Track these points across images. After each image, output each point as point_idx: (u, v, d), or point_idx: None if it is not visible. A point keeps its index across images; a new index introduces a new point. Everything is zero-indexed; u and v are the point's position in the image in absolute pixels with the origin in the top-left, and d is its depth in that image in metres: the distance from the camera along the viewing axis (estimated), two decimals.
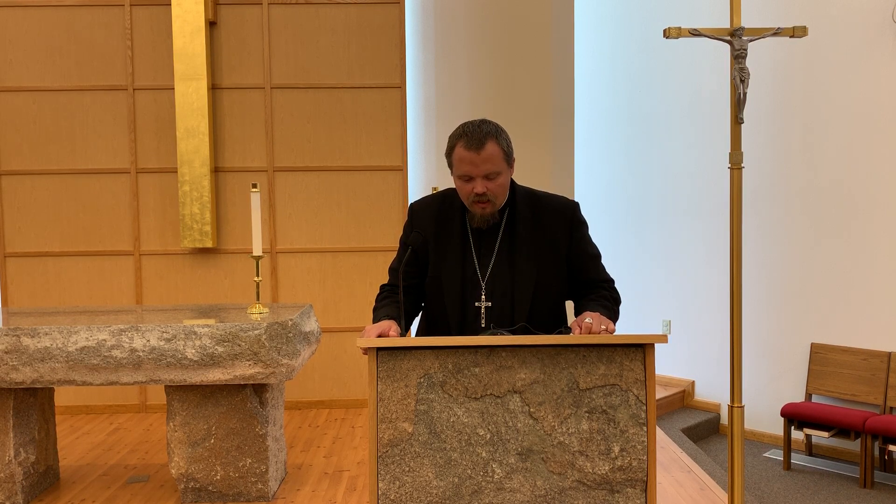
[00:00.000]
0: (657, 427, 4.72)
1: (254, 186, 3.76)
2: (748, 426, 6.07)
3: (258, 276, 3.82)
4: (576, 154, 6.52)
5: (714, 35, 3.01)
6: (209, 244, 5.24)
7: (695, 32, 2.98)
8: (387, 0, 5.34)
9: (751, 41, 2.98)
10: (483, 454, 1.88)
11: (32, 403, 3.72)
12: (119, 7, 5.26)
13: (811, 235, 5.84)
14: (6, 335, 3.39)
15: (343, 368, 5.45)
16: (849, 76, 5.62)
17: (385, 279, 2.40)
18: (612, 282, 2.28)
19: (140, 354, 3.40)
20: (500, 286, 2.18)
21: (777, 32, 2.99)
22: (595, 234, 2.34)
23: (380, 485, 1.89)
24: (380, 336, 1.97)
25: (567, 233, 2.22)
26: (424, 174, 5.68)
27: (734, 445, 3.03)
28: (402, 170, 5.41)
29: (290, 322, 3.50)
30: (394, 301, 2.23)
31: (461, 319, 2.20)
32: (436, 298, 2.24)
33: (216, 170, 5.33)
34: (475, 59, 5.68)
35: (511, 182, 2.23)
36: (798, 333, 5.93)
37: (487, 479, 1.88)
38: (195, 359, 3.40)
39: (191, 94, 5.15)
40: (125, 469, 4.20)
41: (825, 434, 5.45)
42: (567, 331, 2.10)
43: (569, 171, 5.84)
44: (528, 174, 5.43)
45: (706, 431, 6.27)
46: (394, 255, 2.44)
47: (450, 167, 2.17)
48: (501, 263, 2.20)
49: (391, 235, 5.38)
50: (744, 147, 3.12)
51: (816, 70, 5.78)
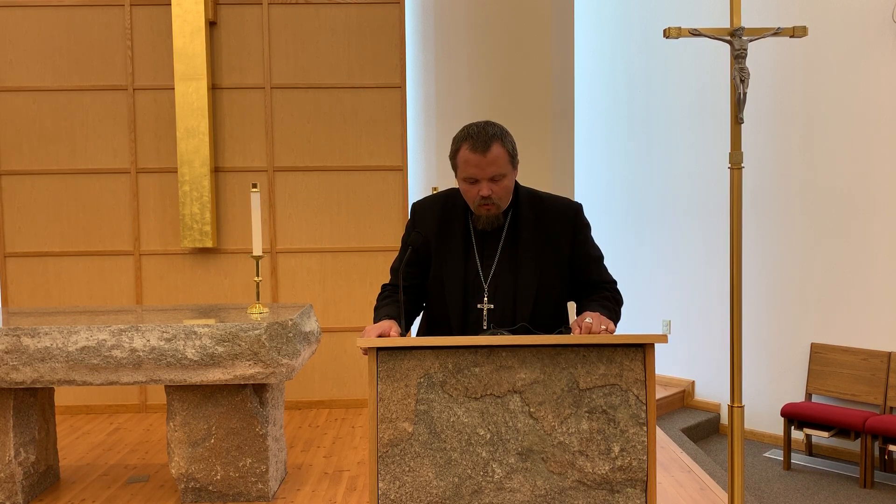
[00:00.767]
0: (657, 427, 4.72)
1: (254, 186, 3.76)
2: (748, 426, 6.07)
3: (258, 276, 3.82)
4: (576, 154, 6.52)
5: (714, 35, 3.01)
6: (209, 244, 5.24)
7: (695, 32, 2.98)
8: (387, 0, 5.34)
9: (751, 41, 2.98)
10: (483, 454, 1.88)
11: (32, 403, 3.73)
12: (119, 7, 5.26)
13: (811, 235, 5.84)
14: (6, 335, 3.39)
15: (343, 368, 5.45)
16: (849, 76, 5.62)
17: (386, 279, 2.40)
18: (615, 283, 2.28)
19: (140, 354, 3.40)
20: (503, 288, 2.18)
21: (777, 32, 2.99)
22: (595, 235, 2.33)
23: (380, 485, 1.89)
24: (380, 336, 1.97)
25: (570, 235, 2.21)
26: (424, 174, 5.68)
27: (734, 445, 3.03)
28: (402, 170, 5.41)
29: (290, 322, 3.50)
30: (394, 301, 2.23)
31: (463, 321, 2.19)
32: (437, 299, 2.24)
33: (216, 170, 5.33)
34: (475, 59, 5.68)
35: (515, 183, 2.23)
36: (798, 333, 5.93)
37: (487, 479, 1.88)
38: (195, 359, 3.40)
39: (191, 94, 5.15)
40: (125, 469, 4.20)
41: (825, 434, 5.45)
42: (567, 331, 2.10)
43: (569, 171, 5.84)
44: (529, 174, 5.42)
45: (706, 431, 6.28)
46: (394, 255, 2.43)
47: (454, 169, 2.16)
48: (504, 265, 2.19)
49: (391, 235, 5.39)
50: (744, 147, 3.12)
51: (816, 70, 5.78)
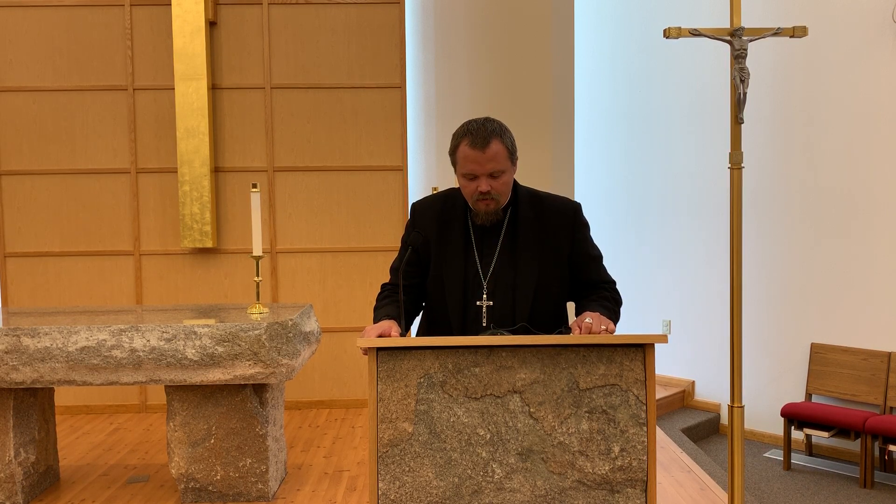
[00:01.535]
0: (657, 427, 4.72)
1: (254, 186, 3.76)
2: (748, 426, 6.07)
3: (258, 276, 3.82)
4: (576, 154, 6.52)
5: (714, 35, 3.00)
6: (209, 244, 5.24)
7: (695, 32, 2.98)
8: (387, 0, 5.34)
9: (751, 41, 2.98)
10: (483, 454, 1.88)
11: (32, 403, 3.73)
12: (119, 7, 5.26)
13: (811, 235, 5.84)
14: (6, 335, 3.39)
15: (343, 368, 5.45)
16: (849, 76, 5.62)
17: (386, 279, 2.40)
18: (614, 283, 2.28)
19: (140, 354, 3.40)
20: (502, 285, 2.18)
21: (777, 32, 2.99)
22: (595, 235, 2.34)
23: (380, 485, 1.89)
24: (380, 336, 1.97)
25: (569, 234, 2.22)
26: (424, 174, 5.68)
27: (734, 445, 3.03)
28: (402, 170, 5.41)
29: (290, 322, 3.50)
30: (394, 301, 2.23)
31: (463, 318, 2.20)
32: (437, 297, 2.24)
33: (216, 170, 5.33)
34: (475, 59, 5.68)
35: (514, 182, 2.23)
36: (798, 333, 5.93)
37: (487, 479, 1.88)
38: (195, 359, 3.40)
39: (191, 94, 5.15)
40: (125, 469, 4.20)
41: (825, 434, 5.45)
42: (567, 331, 2.10)
43: (569, 171, 5.84)
44: (529, 174, 5.42)
45: (706, 431, 6.27)
46: (394, 255, 2.44)
47: (453, 165, 2.17)
48: (503, 263, 2.20)
49: (391, 235, 5.39)
50: (744, 147, 3.12)
51: (816, 70, 5.78)
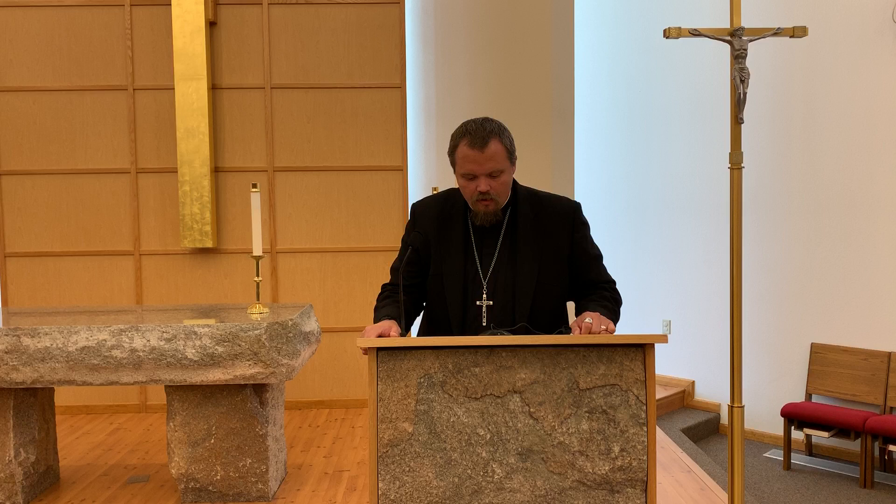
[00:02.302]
0: (657, 427, 4.72)
1: (254, 186, 3.76)
2: (748, 426, 6.07)
3: (258, 276, 3.82)
4: (576, 154, 6.52)
5: (714, 35, 3.00)
6: (209, 244, 5.24)
7: (695, 32, 2.98)
8: (387, 0, 5.34)
9: (751, 41, 2.98)
10: (483, 454, 1.88)
11: (32, 403, 3.72)
12: (119, 7, 5.26)
13: (811, 235, 5.84)
14: (6, 335, 3.39)
15: (343, 368, 5.45)
16: (849, 76, 5.62)
17: (386, 279, 2.40)
18: (614, 283, 2.29)
19: (140, 354, 3.40)
20: (502, 285, 2.19)
21: (777, 32, 2.99)
22: (595, 234, 2.34)
23: (380, 485, 1.89)
24: (380, 336, 1.97)
25: (569, 234, 2.22)
26: (424, 174, 5.68)
27: (734, 445, 3.03)
28: (402, 170, 5.41)
29: (290, 322, 3.50)
30: (394, 301, 2.23)
31: (463, 318, 2.20)
32: (438, 297, 2.24)
33: (216, 170, 5.33)
34: (475, 59, 5.68)
35: (513, 182, 2.23)
36: (798, 333, 5.93)
37: (487, 479, 1.88)
38: (195, 359, 3.40)
39: (191, 94, 5.15)
40: (125, 469, 4.20)
41: (825, 434, 5.45)
42: (567, 331, 2.10)
43: (569, 171, 5.83)
44: (529, 174, 5.42)
45: (706, 431, 6.28)
46: (394, 255, 2.44)
47: (452, 165, 2.17)
48: (503, 262, 2.20)
49: (391, 235, 5.38)
50: (744, 147, 3.12)
51: (816, 70, 5.78)
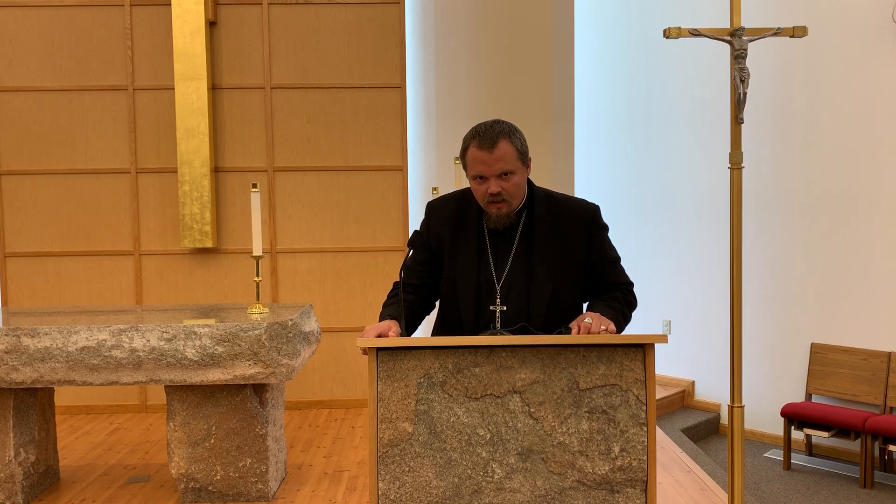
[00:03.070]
0: (657, 427, 4.72)
1: (254, 186, 3.76)
2: (748, 426, 6.07)
3: (258, 276, 3.82)
4: (576, 154, 6.52)
5: (714, 35, 3.00)
6: (209, 244, 5.24)
7: (695, 32, 2.98)
8: (387, 0, 5.34)
9: (751, 41, 2.98)
10: (483, 454, 1.88)
11: (32, 403, 3.72)
12: (119, 7, 5.26)
13: (811, 235, 5.84)
14: (6, 335, 3.39)
15: (343, 368, 5.45)
16: (849, 76, 5.62)
17: (386, 279, 2.40)
18: (631, 285, 2.26)
19: (140, 354, 3.40)
20: (516, 290, 2.15)
21: (777, 32, 2.99)
22: None
23: (380, 485, 1.89)
24: (379, 336, 1.97)
25: (586, 238, 2.19)
26: (424, 174, 5.68)
27: (734, 445, 3.03)
28: (402, 170, 5.41)
29: (290, 322, 3.50)
30: (399, 300, 2.22)
31: (476, 322, 2.17)
32: (450, 299, 2.22)
33: (216, 170, 5.33)
34: (475, 59, 5.68)
35: (529, 183, 2.20)
36: (798, 333, 5.93)
37: (487, 479, 1.88)
38: (195, 359, 3.40)
39: (191, 94, 5.15)
40: (125, 469, 4.20)
41: (825, 434, 5.45)
42: (567, 331, 2.10)
43: (569, 171, 5.84)
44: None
45: (706, 431, 6.28)
46: (394, 255, 2.43)
47: (464, 168, 2.15)
48: (517, 267, 2.16)
49: (391, 235, 5.38)
50: (744, 147, 3.12)
51: (816, 70, 5.78)
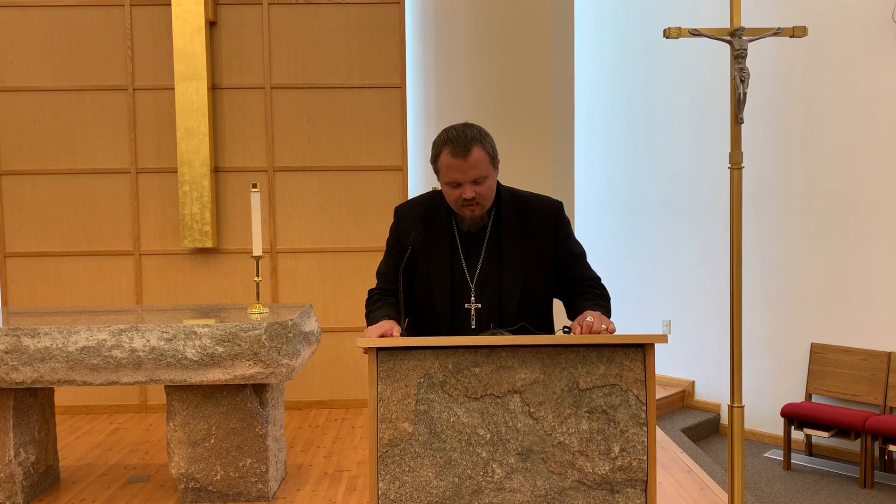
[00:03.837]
0: (657, 427, 4.72)
1: (254, 186, 3.76)
2: (748, 426, 6.07)
3: (258, 276, 3.82)
4: (576, 154, 6.52)
5: (714, 35, 3.00)
6: (209, 244, 5.24)
7: (695, 32, 2.98)
8: (387, 0, 5.34)
9: (751, 41, 2.98)
10: (483, 454, 1.88)
11: (32, 403, 3.72)
12: (119, 7, 5.26)
13: (811, 235, 5.84)
14: (6, 335, 3.39)
15: (343, 368, 5.45)
16: (849, 76, 5.62)
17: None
18: (599, 279, 2.31)
19: (140, 354, 3.40)
20: (489, 287, 2.20)
21: (777, 32, 2.99)
22: (595, 234, 2.35)
23: (380, 485, 1.89)
24: (381, 336, 1.97)
25: (553, 232, 2.24)
26: (424, 174, 5.68)
27: (734, 445, 3.03)
28: (402, 170, 5.41)
29: (290, 322, 3.50)
30: (388, 303, 2.24)
31: (451, 322, 2.21)
32: (425, 301, 2.25)
33: (216, 170, 5.33)
34: (475, 59, 5.68)
35: (496, 182, 2.24)
36: (798, 333, 5.93)
37: (487, 479, 1.88)
38: (195, 359, 3.40)
39: (191, 94, 5.14)
40: (125, 469, 4.20)
41: (825, 434, 5.45)
42: (569, 330, 2.10)
43: (569, 171, 5.84)
44: (529, 174, 5.43)
45: (706, 431, 6.28)
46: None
47: (436, 173, 2.18)
48: (489, 264, 2.21)
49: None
50: (744, 147, 3.12)
51: (816, 70, 5.78)
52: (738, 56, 2.97)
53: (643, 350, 1.90)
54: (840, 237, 5.69)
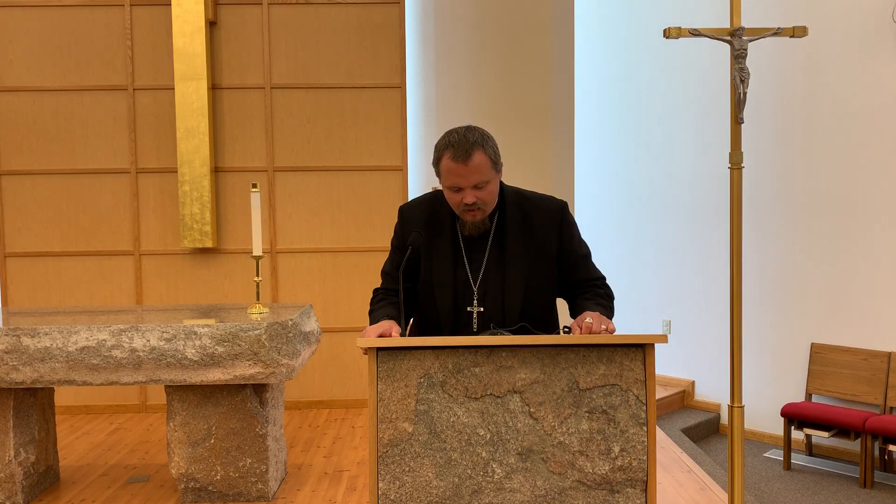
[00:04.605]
0: (657, 427, 4.72)
1: (254, 186, 3.76)
2: (748, 426, 6.07)
3: (258, 276, 3.81)
4: (576, 154, 6.52)
5: (714, 35, 3.00)
6: (209, 244, 5.24)
7: (695, 32, 2.98)
8: (387, 0, 5.34)
9: (751, 41, 2.98)
10: (483, 454, 1.88)
11: (32, 403, 3.72)
12: (119, 7, 5.26)
13: (811, 235, 5.84)
14: (6, 335, 3.39)
15: (343, 368, 5.45)
16: (849, 76, 5.62)
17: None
18: (604, 278, 2.29)
19: (140, 354, 3.40)
20: (492, 291, 2.18)
21: (777, 32, 2.99)
22: (595, 234, 2.35)
23: (380, 485, 1.89)
24: (381, 336, 1.97)
25: (557, 233, 2.22)
26: (424, 174, 5.68)
27: (734, 445, 3.03)
28: (402, 170, 5.41)
29: (290, 322, 3.50)
30: (390, 302, 2.23)
31: (454, 324, 2.20)
32: (428, 303, 2.24)
33: (216, 170, 5.33)
34: (475, 59, 5.68)
35: (500, 184, 2.22)
36: (798, 333, 5.93)
37: (487, 479, 1.88)
38: (195, 359, 3.40)
39: (191, 94, 5.14)
40: (125, 469, 4.20)
41: (825, 434, 5.45)
42: (568, 330, 2.10)
43: (569, 171, 5.84)
44: (529, 174, 5.43)
45: (706, 431, 6.28)
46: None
47: (438, 176, 2.16)
48: (492, 267, 2.19)
49: (391, 235, 5.38)
50: (744, 147, 3.12)
51: (816, 70, 5.78)
52: (738, 56, 2.97)
53: (643, 350, 1.89)
54: (840, 237, 5.69)
